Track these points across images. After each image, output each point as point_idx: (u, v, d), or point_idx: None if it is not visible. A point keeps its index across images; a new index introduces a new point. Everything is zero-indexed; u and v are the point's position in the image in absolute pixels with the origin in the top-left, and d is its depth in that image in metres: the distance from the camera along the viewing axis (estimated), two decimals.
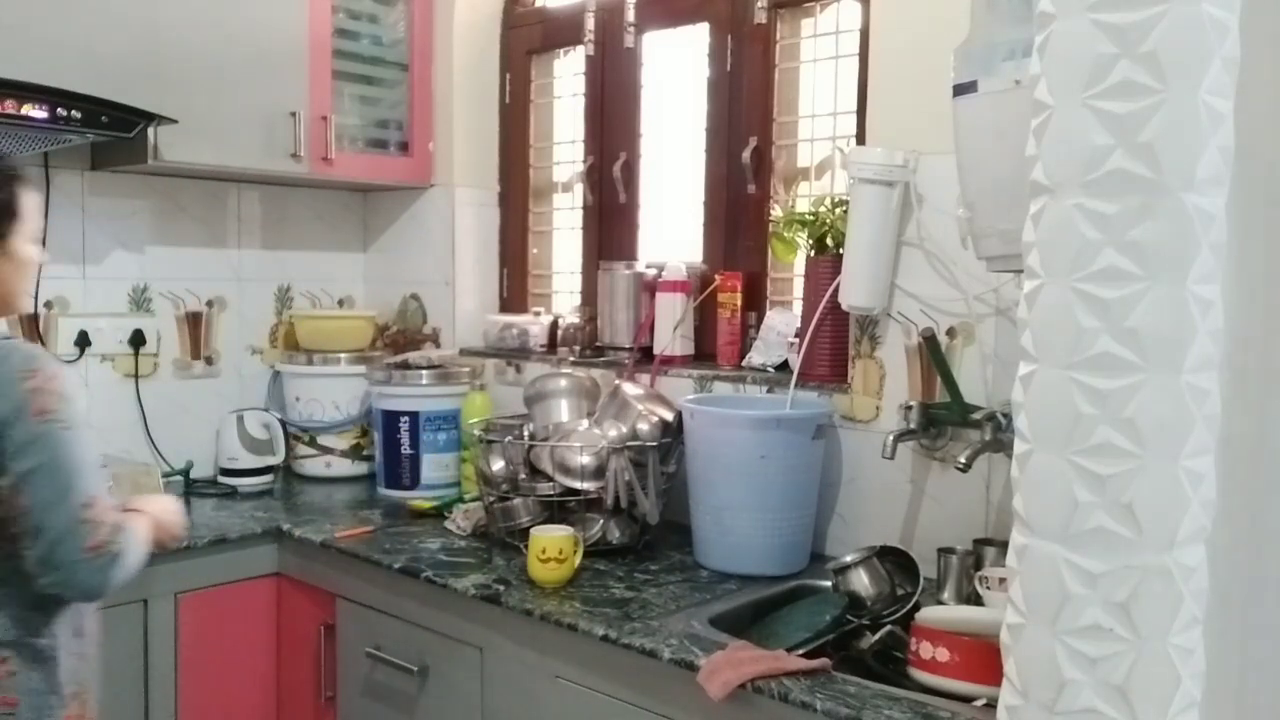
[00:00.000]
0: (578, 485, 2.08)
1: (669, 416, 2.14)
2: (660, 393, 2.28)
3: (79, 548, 1.38)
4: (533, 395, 2.32)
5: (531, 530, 1.94)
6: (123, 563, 1.42)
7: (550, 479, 2.11)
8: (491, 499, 2.18)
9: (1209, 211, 0.91)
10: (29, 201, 1.53)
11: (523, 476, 2.15)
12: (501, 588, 1.88)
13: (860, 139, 2.19)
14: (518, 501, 2.13)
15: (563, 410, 2.27)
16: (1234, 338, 0.95)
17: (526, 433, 2.26)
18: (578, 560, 1.93)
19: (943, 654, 1.49)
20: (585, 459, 2.08)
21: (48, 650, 1.45)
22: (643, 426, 2.11)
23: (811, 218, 2.17)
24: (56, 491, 1.38)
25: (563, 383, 2.31)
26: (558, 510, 2.11)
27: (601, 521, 2.10)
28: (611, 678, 1.70)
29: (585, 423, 2.20)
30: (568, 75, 2.89)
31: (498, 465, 2.20)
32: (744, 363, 2.37)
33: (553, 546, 1.89)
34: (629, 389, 2.21)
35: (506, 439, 2.22)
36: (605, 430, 2.13)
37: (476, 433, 2.25)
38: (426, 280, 2.98)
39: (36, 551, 1.38)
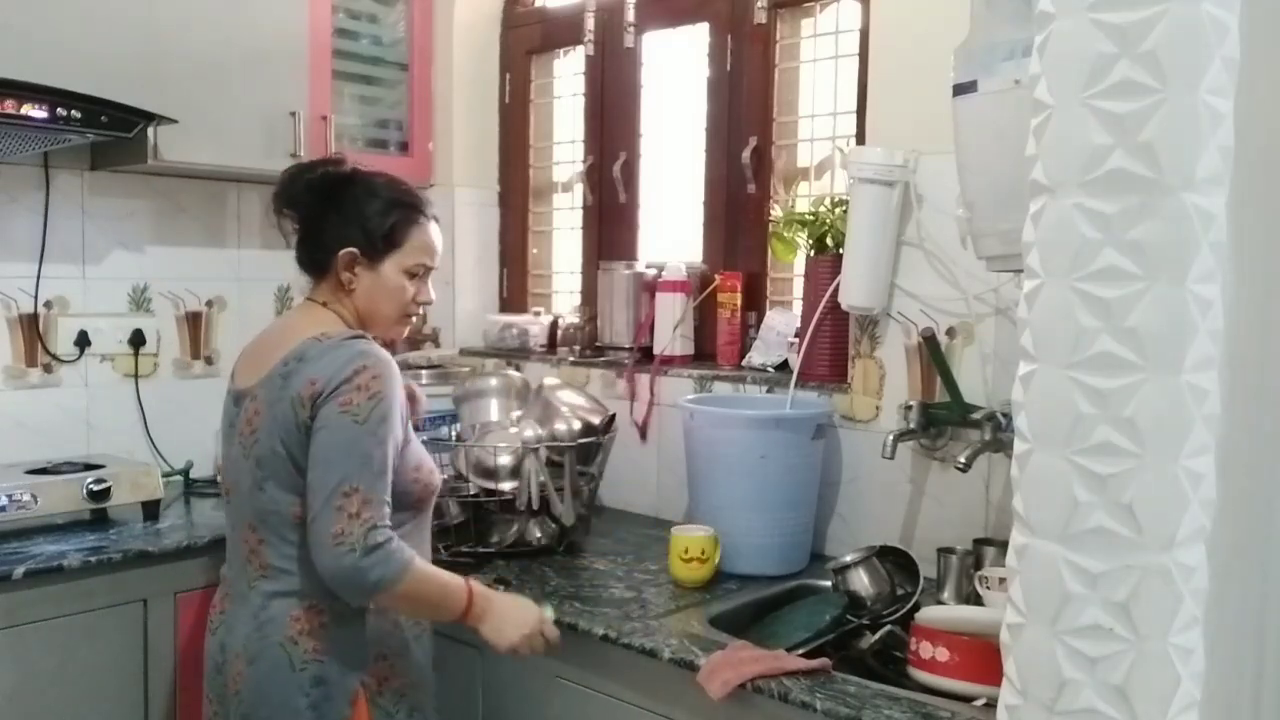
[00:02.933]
0: (492, 486, 2.06)
1: (595, 420, 2.13)
2: (595, 395, 2.28)
3: (326, 530, 1.45)
4: (460, 395, 2.29)
5: (673, 530, 1.94)
6: (367, 564, 1.45)
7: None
8: None
9: (1209, 211, 0.91)
10: (420, 238, 1.67)
11: (447, 477, 2.11)
12: (501, 587, 1.88)
13: (860, 139, 2.19)
14: (444, 502, 2.08)
15: (491, 411, 2.23)
16: (1234, 338, 0.94)
17: (454, 433, 2.23)
18: (718, 559, 1.93)
19: (943, 654, 1.49)
20: (503, 460, 2.06)
21: (353, 610, 1.55)
22: (561, 427, 2.10)
23: (811, 218, 2.17)
24: (326, 474, 1.47)
25: (492, 382, 2.27)
26: (474, 511, 2.09)
27: (517, 524, 2.08)
28: (611, 678, 1.70)
29: (506, 424, 2.17)
30: (568, 75, 2.89)
31: None
32: (744, 363, 2.37)
33: (695, 546, 1.90)
34: (560, 392, 2.20)
35: (424, 439, 2.19)
36: (523, 431, 2.11)
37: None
38: None
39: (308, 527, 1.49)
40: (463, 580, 1.60)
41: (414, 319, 1.76)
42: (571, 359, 2.62)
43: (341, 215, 1.64)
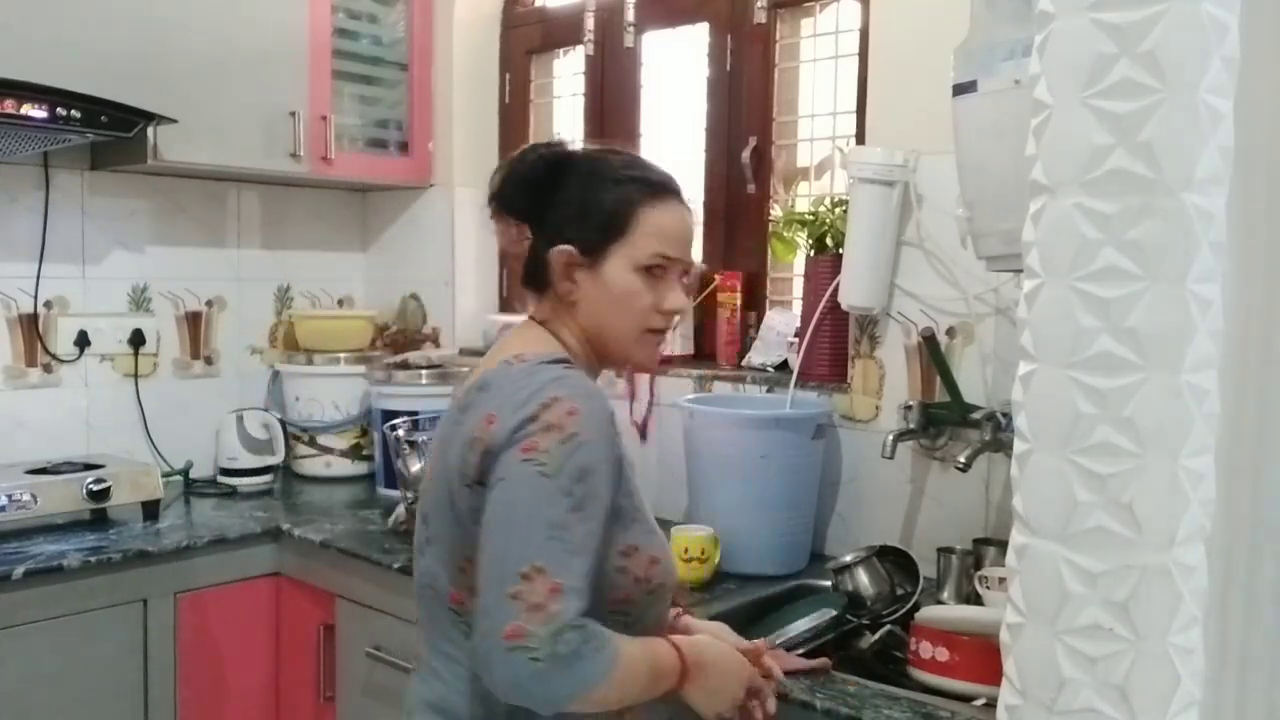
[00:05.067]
0: None
1: None
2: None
3: (497, 627, 1.05)
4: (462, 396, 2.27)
5: (672, 529, 1.93)
6: (558, 678, 1.04)
7: None
8: (410, 500, 2.15)
9: (1209, 211, 0.91)
10: (654, 219, 1.24)
11: None
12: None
13: (860, 139, 2.19)
14: None
15: None
16: (1234, 338, 0.95)
17: None
18: (717, 559, 1.93)
19: (942, 653, 1.49)
20: None
21: None
22: None
23: (811, 217, 2.17)
24: (500, 546, 1.08)
25: None
26: None
27: None
28: None
29: None
30: (567, 75, 2.89)
31: (417, 466, 2.15)
32: (744, 362, 2.37)
33: (694, 546, 1.90)
34: None
35: (423, 439, 2.18)
36: None
37: (399, 434, 2.21)
38: (426, 280, 2.98)
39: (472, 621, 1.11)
40: (668, 645, 1.20)
41: (664, 336, 1.29)
42: None
43: (558, 207, 1.25)
